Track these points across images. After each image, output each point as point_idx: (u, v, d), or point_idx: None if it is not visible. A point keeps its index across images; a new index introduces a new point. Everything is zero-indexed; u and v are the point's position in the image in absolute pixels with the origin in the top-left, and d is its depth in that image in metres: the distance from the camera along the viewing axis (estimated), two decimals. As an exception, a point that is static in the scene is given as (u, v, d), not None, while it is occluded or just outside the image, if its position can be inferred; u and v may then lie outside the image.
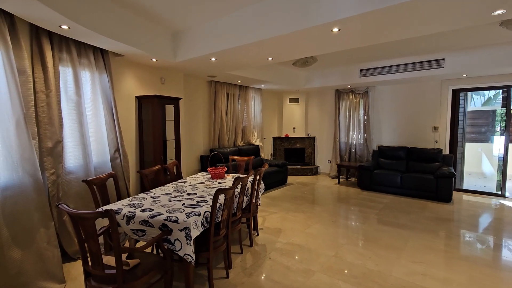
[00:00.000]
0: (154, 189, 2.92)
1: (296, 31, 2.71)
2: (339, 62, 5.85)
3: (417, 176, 5.27)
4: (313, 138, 7.83)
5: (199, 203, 2.40)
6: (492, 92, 8.63)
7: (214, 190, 2.88)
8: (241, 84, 6.28)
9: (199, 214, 2.11)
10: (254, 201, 3.23)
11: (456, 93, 5.76)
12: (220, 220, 2.40)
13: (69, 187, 2.96)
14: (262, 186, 3.70)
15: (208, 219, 2.22)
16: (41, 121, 2.70)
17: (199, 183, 3.25)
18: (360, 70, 5.99)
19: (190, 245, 1.98)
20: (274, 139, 7.85)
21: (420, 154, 5.77)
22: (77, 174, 3.06)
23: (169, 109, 4.54)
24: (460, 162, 6.00)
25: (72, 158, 3.04)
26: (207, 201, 2.46)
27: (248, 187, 3.14)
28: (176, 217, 2.04)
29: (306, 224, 3.92)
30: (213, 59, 3.87)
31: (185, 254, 1.98)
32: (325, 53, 3.72)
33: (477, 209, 4.60)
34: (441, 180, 4.98)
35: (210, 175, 3.70)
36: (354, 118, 6.98)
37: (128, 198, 2.56)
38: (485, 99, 8.25)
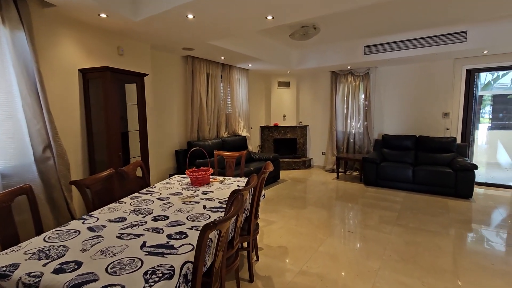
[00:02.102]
0: (100, 210, 1.84)
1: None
2: (340, 37, 4.93)
3: (432, 169, 4.55)
4: (306, 127, 6.95)
5: (171, 242, 1.37)
6: (490, 77, 8.20)
7: (196, 207, 1.86)
8: (224, 62, 5.18)
9: (171, 275, 1.09)
10: (254, 217, 2.25)
11: (470, 74, 5.08)
12: (210, 265, 1.39)
13: (-49, 212, 1.79)
14: (262, 192, 2.72)
15: (190, 276, 1.20)
16: None
17: (173, 194, 2.20)
18: (365, 46, 5.11)
19: None
20: (262, 128, 6.86)
21: (430, 143, 5.07)
22: (-31, 189, 1.89)
23: (131, 89, 3.37)
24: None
25: (-43, 162, 1.85)
26: (187, 235, 1.44)
27: (246, 199, 2.15)
28: (122, 287, 1.01)
29: (317, 239, 3.02)
30: (190, 15, 2.75)
31: None
32: (345, 10, 2.76)
33: (506, 206, 3.96)
34: (461, 173, 4.30)
35: (189, 180, 2.65)
36: (353, 103, 6.15)
37: (46, 234, 1.47)
38: (484, 83, 7.79)
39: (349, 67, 5.80)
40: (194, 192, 2.24)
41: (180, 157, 4.47)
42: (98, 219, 1.67)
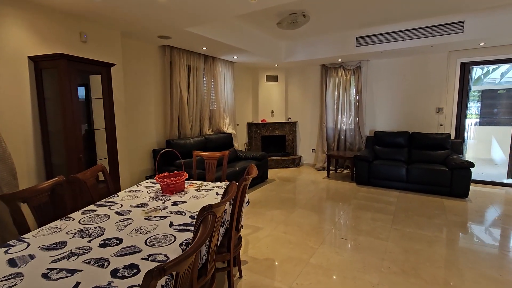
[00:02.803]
0: (37, 230, 1.46)
1: None
2: (331, 27, 4.61)
3: (427, 168, 4.34)
4: (295, 123, 6.65)
5: (115, 282, 1.01)
6: (480, 71, 8.12)
7: (161, 225, 1.51)
8: (206, 53, 4.78)
9: None
10: (235, 230, 1.92)
11: (465, 67, 4.88)
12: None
13: None
14: (246, 197, 2.39)
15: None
16: None
17: (137, 205, 1.83)
18: (357, 37, 4.83)
19: None
20: (249, 125, 6.51)
21: (424, 140, 4.86)
22: None
23: (96, 81, 2.95)
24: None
25: None
26: (139, 270, 1.09)
27: (225, 210, 1.81)
28: None
29: (308, 248, 2.72)
30: (160, -6, 2.36)
31: None
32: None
33: (503, 205, 3.79)
34: (457, 171, 4.10)
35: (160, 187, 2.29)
36: (344, 98, 5.88)
37: None
38: (474, 78, 7.69)
39: (340, 60, 5.51)
40: (163, 202, 1.88)
41: (159, 158, 4.07)
42: (29, 245, 1.30)
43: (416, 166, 4.46)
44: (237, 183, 1.71)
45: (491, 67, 7.68)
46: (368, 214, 3.56)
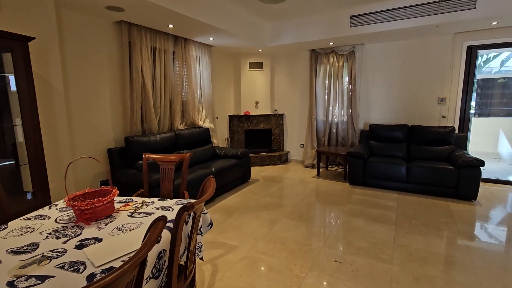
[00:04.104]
0: None
1: None
2: (322, 4, 3.94)
3: (430, 166, 3.79)
4: (282, 115, 6.01)
5: None
6: (479, 59, 7.64)
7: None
8: (176, 33, 4.04)
9: None
10: (181, 275, 1.27)
11: (471, 52, 4.32)
12: None
13: None
14: (207, 219, 1.75)
15: None
16: None
17: (16, 251, 1.16)
18: (351, 16, 4.17)
19: None
20: (231, 118, 5.83)
21: (426, 134, 4.31)
22: None
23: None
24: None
25: None
26: None
27: (162, 251, 1.16)
28: None
29: (293, 277, 2.12)
30: None
31: None
32: None
33: (517, 210, 3.30)
34: (465, 171, 3.57)
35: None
36: (336, 88, 5.26)
37: None
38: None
39: (331, 44, 4.86)
40: (65, 242, 1.22)
41: (116, 158, 3.37)
42: None
43: (417, 164, 3.91)
44: (168, 221, 1.06)
45: (491, 54, 7.22)
46: (366, 224, 2.99)
